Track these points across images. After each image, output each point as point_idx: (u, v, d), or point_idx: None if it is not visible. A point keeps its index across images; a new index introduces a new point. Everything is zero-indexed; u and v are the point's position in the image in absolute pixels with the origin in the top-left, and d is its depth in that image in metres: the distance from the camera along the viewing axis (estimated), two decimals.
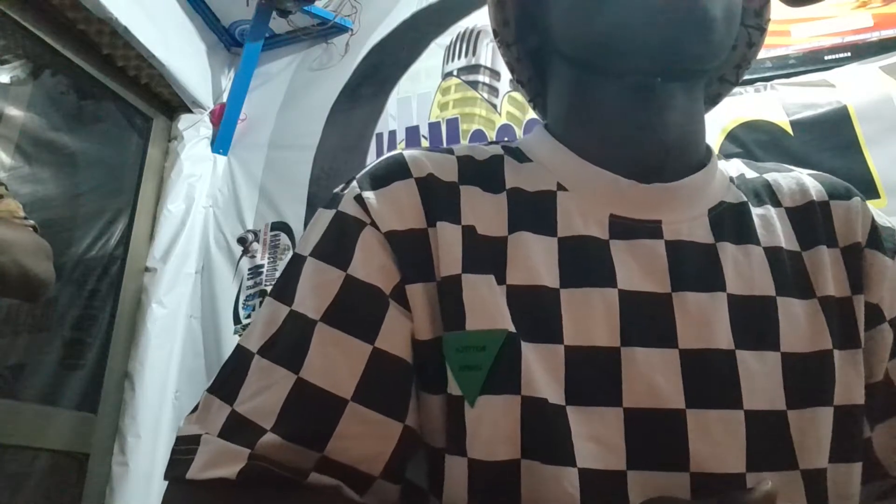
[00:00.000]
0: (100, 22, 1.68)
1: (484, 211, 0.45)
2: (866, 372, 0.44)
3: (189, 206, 1.91)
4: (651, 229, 0.44)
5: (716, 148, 1.50)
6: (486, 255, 0.43)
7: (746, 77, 1.59)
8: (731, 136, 1.51)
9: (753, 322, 0.42)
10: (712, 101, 0.57)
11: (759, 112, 1.51)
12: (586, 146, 0.48)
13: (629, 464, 0.38)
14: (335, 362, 0.40)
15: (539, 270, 0.42)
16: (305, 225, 1.82)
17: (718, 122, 1.52)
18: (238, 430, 0.39)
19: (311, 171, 1.90)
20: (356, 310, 0.41)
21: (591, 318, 0.41)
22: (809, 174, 0.52)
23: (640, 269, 0.43)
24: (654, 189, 0.45)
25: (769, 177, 0.51)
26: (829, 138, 1.42)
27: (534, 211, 0.45)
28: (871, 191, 1.34)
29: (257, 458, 0.37)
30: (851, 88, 1.45)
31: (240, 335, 1.75)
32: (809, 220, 0.47)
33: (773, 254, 0.45)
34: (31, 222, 1.06)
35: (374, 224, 0.43)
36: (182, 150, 1.96)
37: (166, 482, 0.41)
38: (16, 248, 0.95)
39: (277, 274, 1.79)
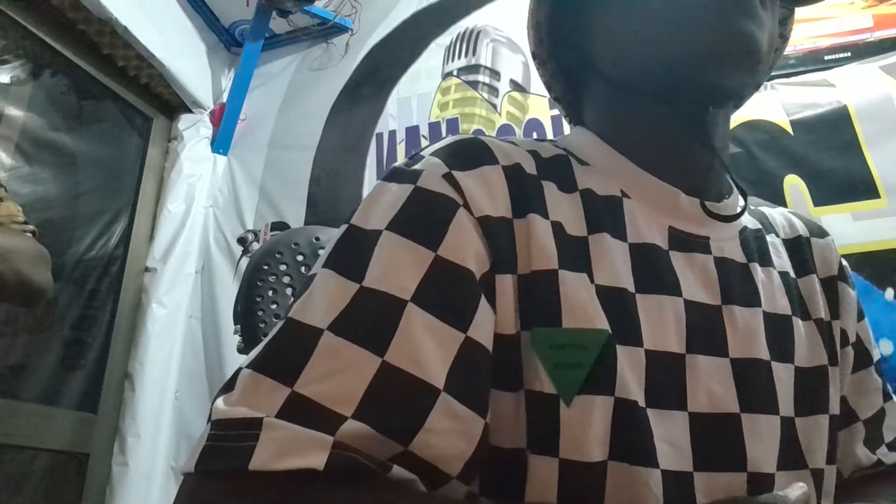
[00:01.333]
0: (100, 22, 1.68)
1: (564, 209, 0.44)
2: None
3: (189, 206, 1.91)
4: (702, 244, 0.47)
5: None
6: (576, 252, 0.42)
7: None
8: (731, 136, 1.51)
9: (779, 337, 0.46)
10: (736, 106, 0.57)
11: (759, 112, 1.51)
12: (641, 157, 0.48)
13: (695, 465, 0.40)
14: (426, 348, 0.36)
15: (620, 273, 0.43)
16: (305, 224, 1.83)
17: None
18: (307, 415, 0.34)
19: (311, 171, 1.91)
20: (449, 294, 0.38)
21: (664, 323, 0.42)
22: (790, 212, 0.58)
23: (696, 280, 0.45)
24: (707, 206, 0.47)
25: (764, 210, 0.57)
26: (829, 138, 1.42)
27: (607, 214, 0.45)
28: (871, 191, 1.34)
29: (342, 448, 0.33)
30: (851, 88, 1.45)
31: (240, 335, 1.75)
32: (800, 252, 0.53)
33: (784, 277, 0.50)
34: (31, 227, 1.06)
35: (467, 206, 0.40)
36: (182, 150, 1.96)
37: (198, 476, 0.34)
38: (15, 255, 0.95)
39: None
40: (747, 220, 0.52)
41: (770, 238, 0.52)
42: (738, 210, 0.49)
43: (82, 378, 1.64)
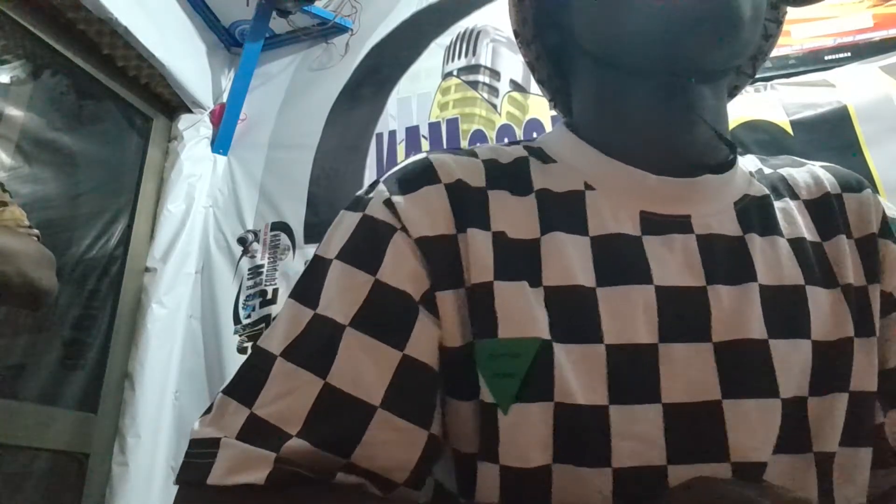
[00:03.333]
0: (100, 22, 1.68)
1: (514, 215, 0.45)
2: (880, 359, 0.44)
3: (189, 206, 1.91)
4: (681, 224, 0.45)
5: None
6: (518, 259, 0.43)
7: None
8: (732, 136, 1.51)
9: (785, 311, 0.43)
10: (730, 93, 0.57)
11: (759, 112, 1.51)
12: (613, 143, 0.47)
13: (670, 459, 0.39)
14: (364, 368, 0.40)
15: (574, 270, 0.42)
16: (305, 225, 1.83)
17: None
18: (259, 434, 0.38)
19: (311, 171, 1.90)
20: (386, 315, 0.41)
21: (630, 316, 0.41)
22: (822, 166, 0.52)
23: (675, 263, 0.43)
24: (681, 184, 0.46)
25: (784, 171, 0.52)
26: (829, 138, 1.42)
27: (564, 211, 0.45)
28: None
29: (283, 463, 0.37)
30: (851, 88, 1.45)
31: (240, 335, 1.75)
32: (827, 211, 0.48)
33: (797, 244, 0.46)
34: (35, 231, 1.07)
35: (404, 229, 0.43)
36: (182, 150, 1.96)
37: (177, 486, 0.40)
38: (20, 257, 0.96)
39: (277, 274, 1.79)
40: (751, 189, 0.48)
41: (781, 203, 0.48)
42: (738, 179, 0.47)
43: (82, 378, 1.64)
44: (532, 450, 0.38)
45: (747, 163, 0.52)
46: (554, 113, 1.70)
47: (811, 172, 0.51)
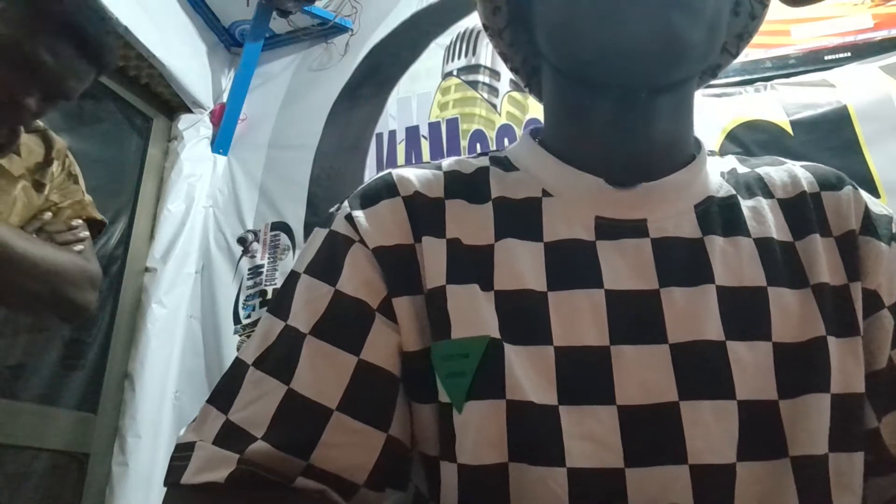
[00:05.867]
0: None
1: (469, 222, 0.46)
2: (868, 359, 0.43)
3: (189, 206, 1.91)
4: (636, 228, 0.45)
5: (716, 148, 1.50)
6: (470, 264, 0.44)
7: (746, 77, 1.60)
8: (731, 136, 1.51)
9: (744, 313, 0.42)
10: (712, 73, 0.57)
11: (759, 112, 1.51)
12: (572, 151, 0.49)
13: (627, 461, 0.38)
14: (323, 373, 0.42)
15: (525, 275, 0.43)
16: (305, 225, 1.83)
17: (718, 122, 1.52)
18: (230, 437, 0.41)
19: (311, 171, 1.90)
20: (343, 323, 0.43)
21: (578, 319, 0.42)
22: (802, 165, 0.52)
23: (627, 267, 0.43)
24: (638, 190, 0.46)
25: (761, 170, 0.51)
26: (829, 138, 1.42)
27: (520, 218, 0.46)
28: (871, 191, 1.32)
29: (246, 464, 0.39)
30: (851, 88, 1.45)
31: (240, 335, 1.75)
32: (802, 211, 0.47)
33: (764, 244, 0.45)
34: (86, 234, 1.05)
35: (362, 241, 0.45)
36: (182, 150, 1.96)
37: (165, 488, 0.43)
38: (55, 275, 0.96)
39: (277, 274, 1.79)
40: (717, 190, 0.48)
41: (752, 202, 0.47)
42: (701, 181, 0.48)
43: (82, 378, 1.64)
44: (485, 447, 0.39)
45: (723, 164, 0.52)
46: None
47: (789, 171, 0.50)
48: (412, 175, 0.49)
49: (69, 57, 0.91)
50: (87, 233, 1.07)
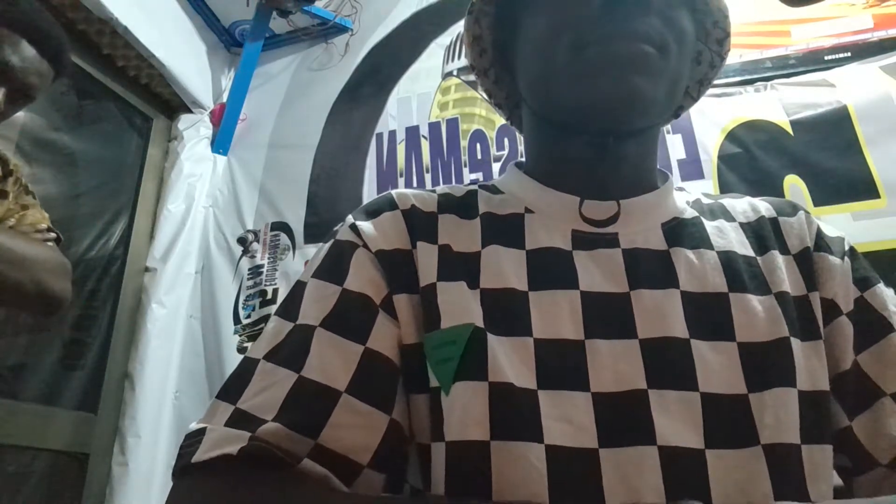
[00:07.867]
0: (100, 22, 1.68)
1: (459, 233, 0.52)
2: (832, 363, 0.48)
3: (189, 206, 1.91)
4: (609, 240, 0.51)
5: (716, 148, 1.51)
6: (459, 266, 0.49)
7: (746, 77, 1.60)
8: (731, 136, 1.51)
9: (707, 316, 0.47)
10: (675, 114, 0.64)
11: (759, 112, 1.51)
12: (552, 177, 0.55)
13: (601, 442, 0.42)
14: (332, 360, 0.45)
15: (509, 276, 0.49)
16: (305, 225, 1.83)
17: (718, 122, 1.52)
18: (241, 421, 0.43)
19: (311, 171, 1.91)
20: (350, 316, 0.47)
21: (557, 315, 0.46)
22: (760, 198, 0.58)
23: (600, 273, 0.49)
24: (610, 207, 0.53)
25: (724, 201, 0.58)
26: (829, 138, 1.42)
27: (504, 230, 0.53)
28: (871, 191, 1.34)
29: (257, 440, 0.41)
30: (851, 88, 1.45)
31: (240, 335, 1.75)
32: (761, 231, 0.54)
33: (727, 256, 0.51)
34: (54, 235, 1.08)
35: (365, 245, 0.51)
36: (182, 150, 1.96)
37: (173, 480, 0.43)
38: (36, 265, 0.98)
39: (277, 274, 1.79)
40: (683, 213, 0.55)
41: (716, 223, 0.54)
42: (667, 204, 0.54)
43: (82, 378, 1.64)
44: (470, 425, 0.42)
45: (688, 196, 0.59)
46: None
47: (749, 201, 0.58)
48: (410, 193, 0.56)
49: (32, 57, 0.96)
50: (54, 234, 1.09)
